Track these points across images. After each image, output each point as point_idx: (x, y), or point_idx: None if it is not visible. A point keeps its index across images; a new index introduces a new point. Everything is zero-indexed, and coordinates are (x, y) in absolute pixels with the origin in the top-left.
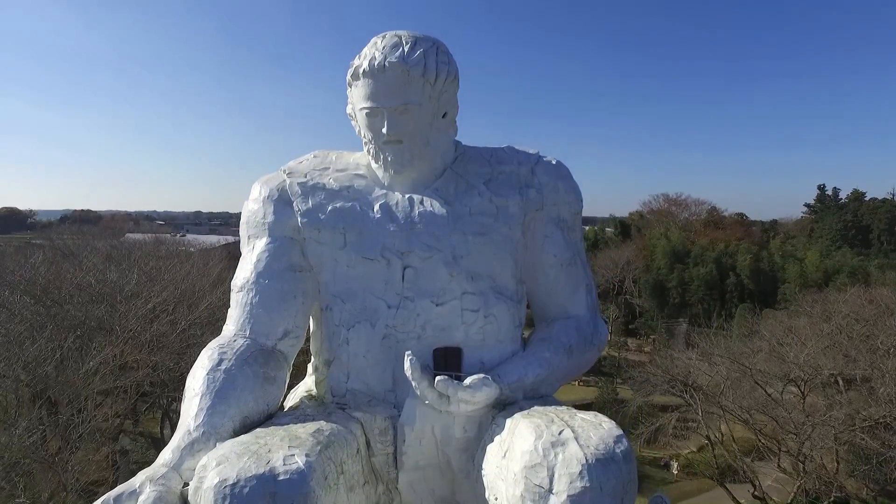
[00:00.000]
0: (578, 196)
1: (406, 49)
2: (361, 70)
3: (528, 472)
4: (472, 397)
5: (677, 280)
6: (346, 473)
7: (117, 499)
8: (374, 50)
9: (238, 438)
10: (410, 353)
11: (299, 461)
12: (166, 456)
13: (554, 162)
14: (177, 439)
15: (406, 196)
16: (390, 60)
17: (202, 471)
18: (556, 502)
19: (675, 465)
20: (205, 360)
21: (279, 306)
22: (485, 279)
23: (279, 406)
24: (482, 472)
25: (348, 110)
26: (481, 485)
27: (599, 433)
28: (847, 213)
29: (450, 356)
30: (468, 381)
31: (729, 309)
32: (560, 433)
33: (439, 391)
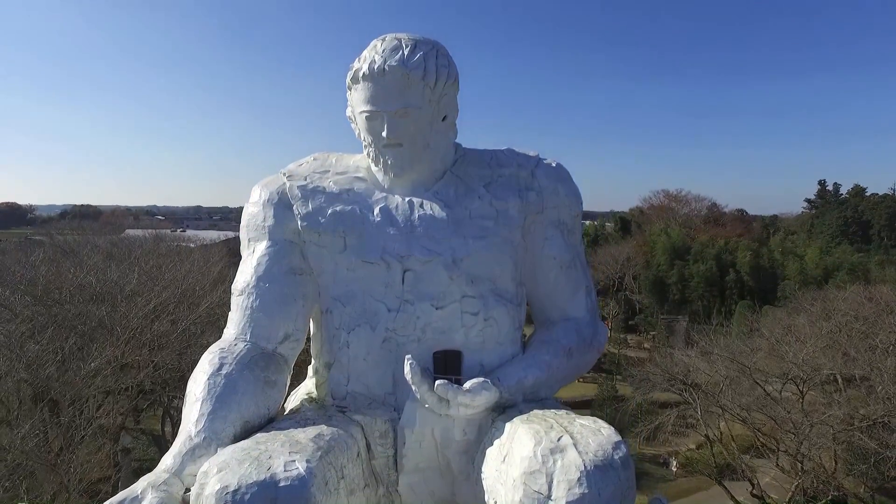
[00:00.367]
0: (578, 199)
1: (406, 52)
2: (361, 73)
3: (527, 479)
4: (472, 401)
5: (677, 276)
6: (347, 478)
7: None
8: (374, 53)
9: (239, 444)
10: (410, 357)
11: (300, 467)
12: (168, 461)
13: (554, 164)
14: (178, 445)
15: (406, 199)
16: (390, 64)
17: (203, 477)
18: None
19: (675, 463)
20: (206, 365)
21: (279, 310)
22: (485, 282)
23: (280, 409)
24: (482, 475)
25: (348, 113)
26: (481, 487)
27: (598, 439)
28: (847, 209)
29: (450, 359)
30: (468, 385)
31: (729, 305)
32: (559, 439)
33: (439, 395)
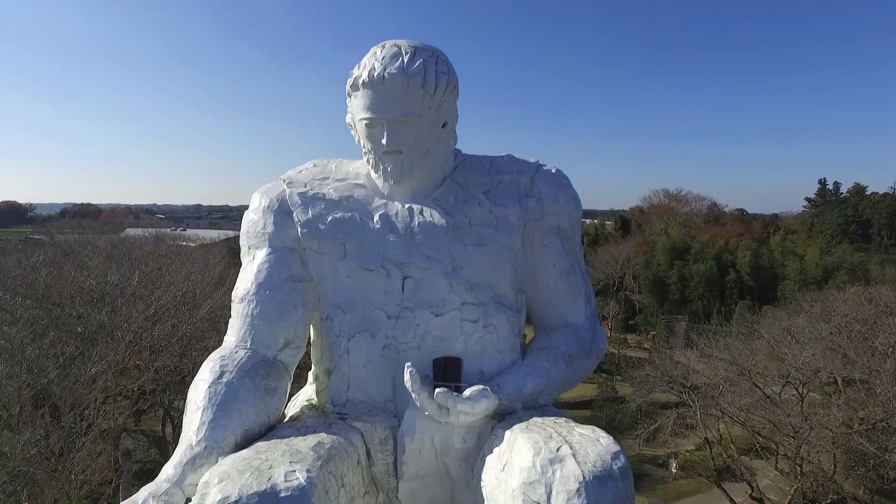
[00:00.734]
0: (578, 205)
1: (405, 59)
2: (361, 81)
3: (527, 489)
4: (472, 409)
5: (677, 276)
6: (347, 486)
7: None
8: (374, 60)
9: (239, 454)
10: (410, 365)
11: (300, 477)
12: (168, 471)
13: (553, 171)
14: (179, 454)
15: (406, 206)
16: (390, 71)
17: (204, 487)
18: None
19: (674, 464)
20: (206, 373)
21: (280, 317)
22: (484, 289)
23: (281, 415)
24: (481, 483)
25: (348, 119)
26: (480, 495)
27: (597, 449)
28: (848, 208)
29: (449, 366)
30: (467, 393)
31: (729, 305)
32: (558, 449)
33: (439, 403)
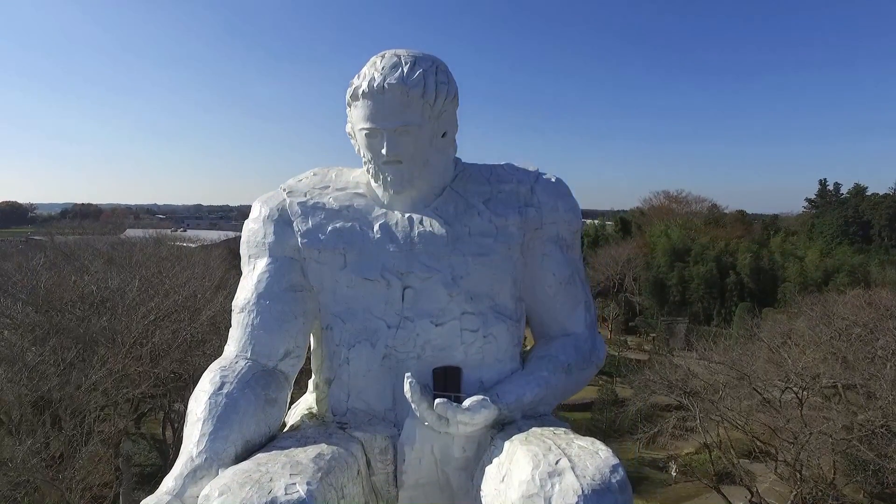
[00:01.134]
0: (578, 214)
1: (405, 70)
2: (361, 91)
3: (526, 502)
4: (471, 419)
5: (677, 278)
6: (347, 497)
7: None
8: (374, 70)
9: (240, 466)
10: (410, 376)
11: (301, 490)
12: (169, 483)
13: (553, 180)
14: (179, 466)
15: (406, 215)
16: (389, 82)
17: (205, 500)
18: None
19: (674, 467)
20: (206, 384)
21: (280, 327)
22: (484, 299)
23: (281, 424)
24: (481, 493)
25: (348, 129)
26: None
27: (596, 462)
28: (848, 209)
29: (449, 375)
30: (467, 404)
31: (729, 307)
32: (557, 462)
33: (438, 413)
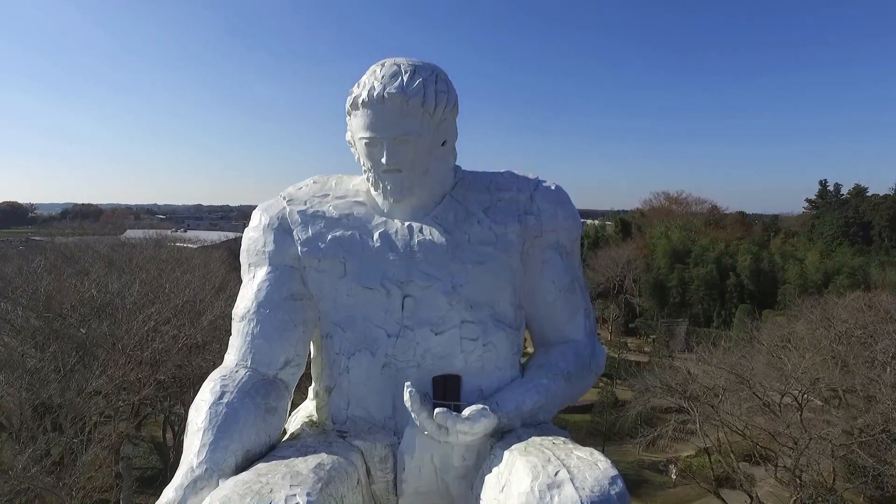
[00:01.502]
0: (577, 222)
1: (405, 79)
2: (360, 100)
3: None
4: (471, 429)
5: (677, 280)
6: None
7: None
8: (373, 79)
9: (240, 476)
10: (410, 385)
11: (301, 501)
12: (170, 495)
13: (553, 187)
14: (180, 476)
15: (405, 224)
16: (389, 91)
17: None
18: None
19: (674, 470)
20: (207, 394)
21: (280, 336)
22: (484, 308)
23: (281, 432)
24: (480, 502)
25: (347, 137)
26: None
27: (595, 474)
28: (848, 210)
29: (449, 384)
30: (466, 413)
31: (729, 309)
32: (556, 474)
33: (438, 423)
